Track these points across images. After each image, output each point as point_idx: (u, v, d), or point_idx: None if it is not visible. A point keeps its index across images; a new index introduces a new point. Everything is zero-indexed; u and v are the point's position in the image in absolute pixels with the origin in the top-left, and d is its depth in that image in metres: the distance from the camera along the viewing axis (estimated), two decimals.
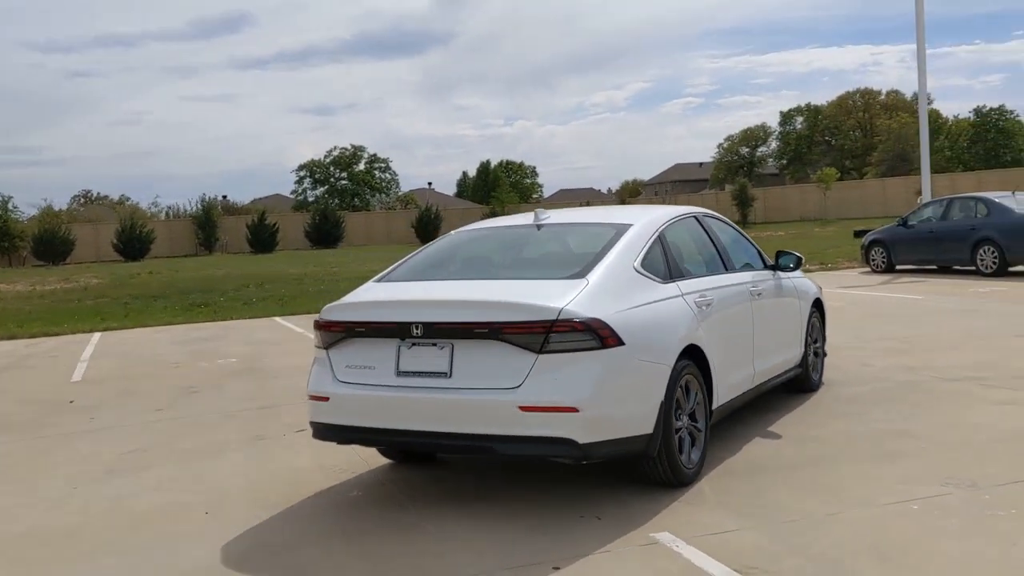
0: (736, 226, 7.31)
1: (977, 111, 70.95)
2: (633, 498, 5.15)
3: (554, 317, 4.66)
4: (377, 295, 5.42)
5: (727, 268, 6.44)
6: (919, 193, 24.76)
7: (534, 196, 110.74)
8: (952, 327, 11.14)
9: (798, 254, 7.23)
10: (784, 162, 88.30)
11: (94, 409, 8.84)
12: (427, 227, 65.40)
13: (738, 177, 72.18)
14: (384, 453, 6.13)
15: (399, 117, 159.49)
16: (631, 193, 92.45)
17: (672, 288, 5.49)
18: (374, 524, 5.03)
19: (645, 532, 4.61)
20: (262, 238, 60.26)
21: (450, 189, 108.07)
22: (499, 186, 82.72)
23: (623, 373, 4.78)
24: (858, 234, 36.67)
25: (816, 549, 4.28)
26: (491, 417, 4.71)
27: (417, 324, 4.92)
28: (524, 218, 6.34)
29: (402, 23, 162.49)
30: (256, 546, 4.84)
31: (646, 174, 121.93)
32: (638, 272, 5.34)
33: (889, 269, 19.41)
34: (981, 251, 17.25)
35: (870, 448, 5.94)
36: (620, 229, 5.65)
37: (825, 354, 8.29)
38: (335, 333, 5.26)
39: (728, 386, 5.89)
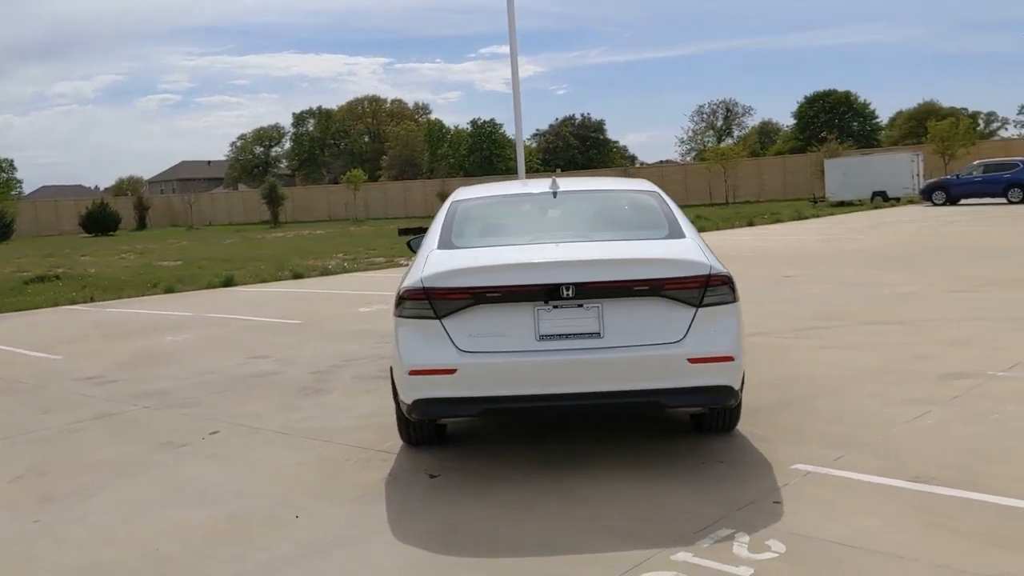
0: None
1: (474, 123, 78.61)
2: (715, 444, 5.56)
3: (708, 272, 4.93)
4: (499, 258, 5.09)
5: None
6: None
7: (13, 193, 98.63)
8: None
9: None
10: (297, 163, 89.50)
11: None
12: None
13: (267, 176, 71.79)
14: (407, 438, 5.73)
15: None
16: (133, 190, 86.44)
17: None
18: (524, 497, 4.83)
19: (785, 466, 5.08)
20: None
21: None
22: None
23: (741, 325, 5.18)
24: (403, 232, 39.18)
25: (935, 458, 5.10)
26: (659, 372, 4.82)
27: (568, 285, 4.82)
28: (539, 185, 6.30)
29: None
30: (442, 528, 4.42)
31: (145, 172, 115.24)
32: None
33: None
34: None
35: (821, 385, 6.95)
36: (654, 194, 6.00)
37: None
38: (456, 301, 4.89)
39: None
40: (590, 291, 4.85)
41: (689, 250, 5.12)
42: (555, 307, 4.87)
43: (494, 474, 5.24)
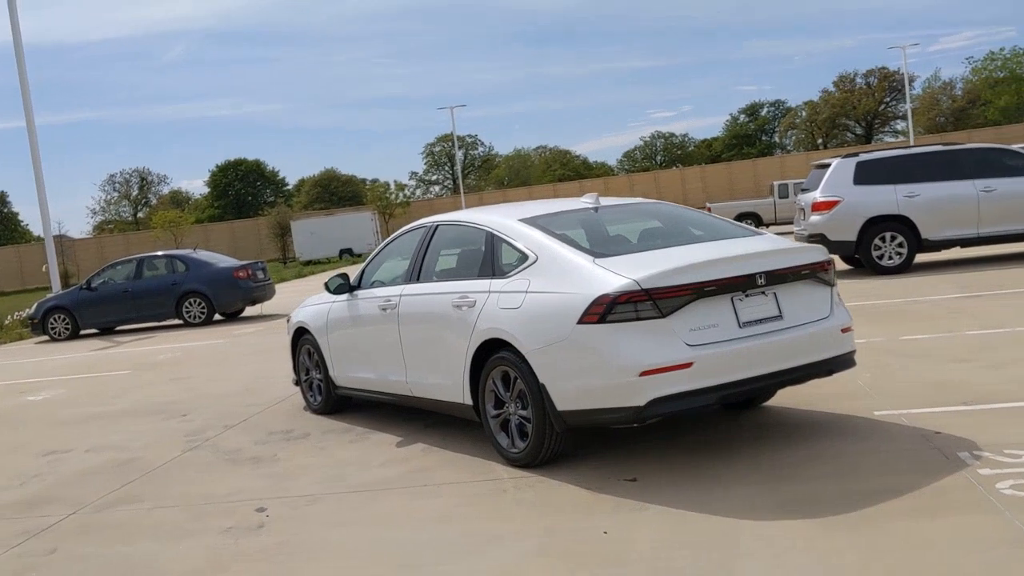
0: None
1: None
2: (773, 416, 6.41)
3: (830, 256, 5.84)
4: (705, 255, 5.38)
5: None
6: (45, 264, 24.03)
7: None
8: None
9: None
10: None
11: None
12: None
13: None
14: (542, 454, 5.55)
15: None
16: None
17: None
18: (781, 472, 5.19)
19: (871, 414, 6.12)
20: None
21: None
22: None
23: None
24: None
25: (933, 395, 6.50)
26: (826, 343, 5.58)
27: (761, 274, 5.34)
28: (579, 202, 6.51)
29: None
30: (771, 502, 4.63)
31: None
32: None
33: (75, 335, 18.75)
34: (187, 303, 18.43)
35: None
36: (678, 206, 6.70)
37: None
38: (681, 297, 5.10)
39: None
40: (775, 278, 5.43)
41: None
42: (747, 295, 5.34)
43: (667, 467, 5.43)
